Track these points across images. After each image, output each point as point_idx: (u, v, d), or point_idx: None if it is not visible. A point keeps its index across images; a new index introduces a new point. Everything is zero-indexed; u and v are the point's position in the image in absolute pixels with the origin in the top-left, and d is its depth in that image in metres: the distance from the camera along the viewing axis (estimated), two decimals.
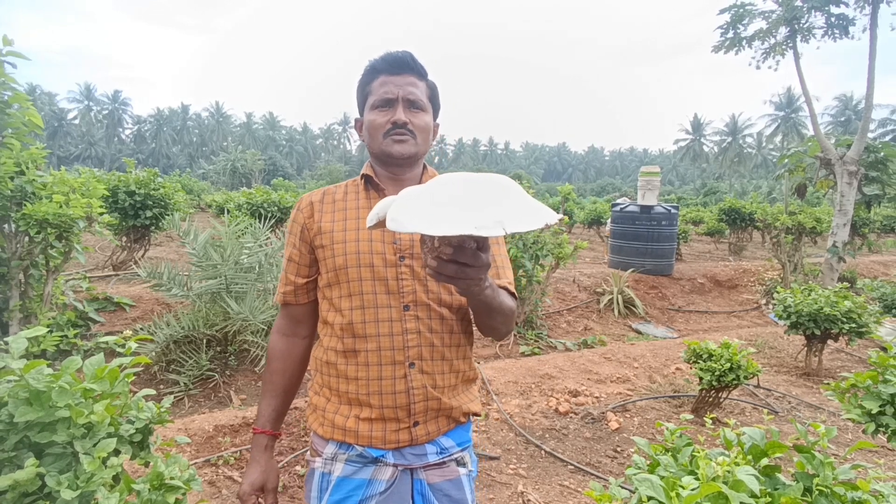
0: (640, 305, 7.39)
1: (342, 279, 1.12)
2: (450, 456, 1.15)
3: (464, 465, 1.19)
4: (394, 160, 1.15)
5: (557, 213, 0.76)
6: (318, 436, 1.15)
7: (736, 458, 1.02)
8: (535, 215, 0.74)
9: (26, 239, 3.30)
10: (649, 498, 0.92)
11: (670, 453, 1.12)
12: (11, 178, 3.12)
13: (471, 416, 1.22)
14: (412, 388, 1.09)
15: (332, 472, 1.11)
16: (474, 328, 1.22)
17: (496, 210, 0.71)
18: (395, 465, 1.10)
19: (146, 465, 1.20)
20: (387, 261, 1.10)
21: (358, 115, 1.24)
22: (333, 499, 1.09)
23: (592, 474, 2.81)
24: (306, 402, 3.41)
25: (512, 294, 1.19)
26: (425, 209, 0.72)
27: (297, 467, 2.70)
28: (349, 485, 1.09)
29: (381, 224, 0.84)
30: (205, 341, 4.08)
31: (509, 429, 3.29)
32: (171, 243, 9.61)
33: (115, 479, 1.08)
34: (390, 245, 1.12)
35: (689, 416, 1.85)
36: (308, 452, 1.20)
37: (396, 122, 1.12)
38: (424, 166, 1.26)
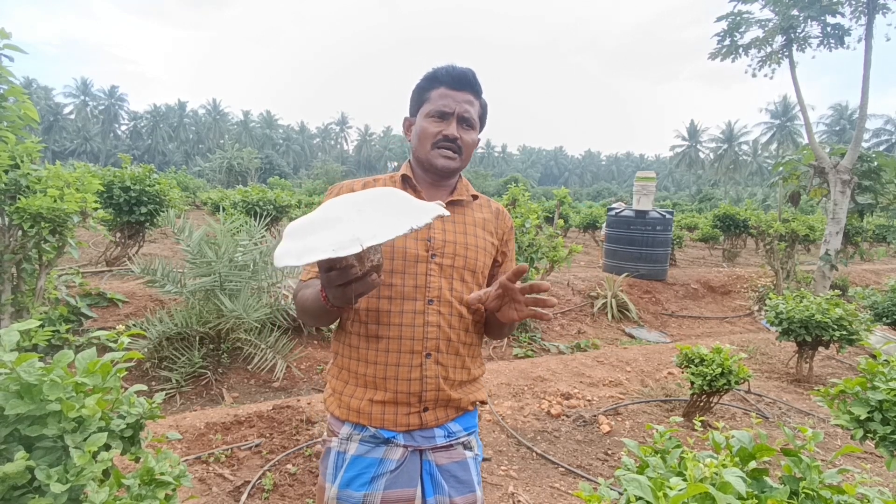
0: (633, 310, 7.42)
1: None
2: (457, 439, 1.23)
3: (470, 448, 1.26)
4: (436, 171, 1.24)
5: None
6: (335, 417, 1.22)
7: (724, 460, 1.03)
8: (400, 223, 0.77)
9: (19, 233, 3.28)
10: (637, 498, 0.93)
11: (659, 455, 1.13)
12: (6, 172, 3.10)
13: (477, 404, 1.28)
14: (426, 376, 1.16)
15: (346, 451, 1.18)
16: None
17: (354, 227, 0.75)
18: (405, 447, 1.17)
19: (136, 460, 1.19)
20: (419, 256, 1.18)
21: (408, 115, 1.30)
22: (348, 475, 1.15)
23: (583, 476, 2.82)
24: (298, 400, 3.41)
25: None
26: (293, 243, 0.78)
27: (289, 466, 2.69)
28: (362, 463, 1.16)
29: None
30: (198, 338, 4.07)
31: (501, 430, 3.30)
32: (166, 240, 9.57)
33: (105, 473, 1.08)
34: (423, 242, 1.19)
35: (680, 420, 1.86)
36: (325, 434, 1.26)
37: (448, 136, 1.20)
38: (459, 176, 1.33)
